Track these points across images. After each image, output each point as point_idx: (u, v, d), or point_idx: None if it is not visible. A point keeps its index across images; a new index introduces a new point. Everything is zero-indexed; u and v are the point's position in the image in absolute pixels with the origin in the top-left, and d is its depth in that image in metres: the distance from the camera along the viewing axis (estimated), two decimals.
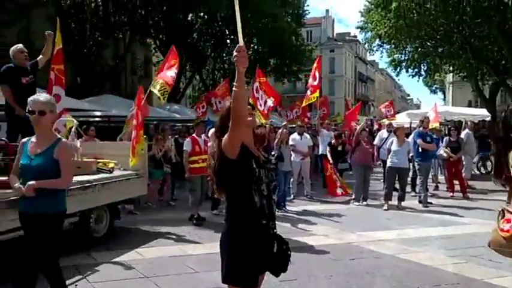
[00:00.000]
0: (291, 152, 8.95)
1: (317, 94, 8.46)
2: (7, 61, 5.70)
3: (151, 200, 8.50)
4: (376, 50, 30.33)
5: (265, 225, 2.23)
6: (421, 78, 34.57)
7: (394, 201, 8.51)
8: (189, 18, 24.08)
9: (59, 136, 3.22)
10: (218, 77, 30.80)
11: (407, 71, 29.57)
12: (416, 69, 29.86)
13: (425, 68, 30.65)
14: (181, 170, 9.30)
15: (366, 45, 32.76)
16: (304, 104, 9.20)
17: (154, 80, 6.84)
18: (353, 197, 8.93)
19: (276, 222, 2.36)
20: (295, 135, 9.36)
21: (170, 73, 6.80)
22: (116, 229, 6.08)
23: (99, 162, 5.77)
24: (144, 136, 6.49)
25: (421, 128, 9.16)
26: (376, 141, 10.09)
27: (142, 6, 21.93)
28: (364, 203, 8.80)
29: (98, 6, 21.76)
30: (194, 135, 7.43)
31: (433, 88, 54.12)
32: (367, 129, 9.71)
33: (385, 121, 15.82)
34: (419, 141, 8.69)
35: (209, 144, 7.08)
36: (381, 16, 25.73)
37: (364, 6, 28.42)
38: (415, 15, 24.72)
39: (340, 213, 7.96)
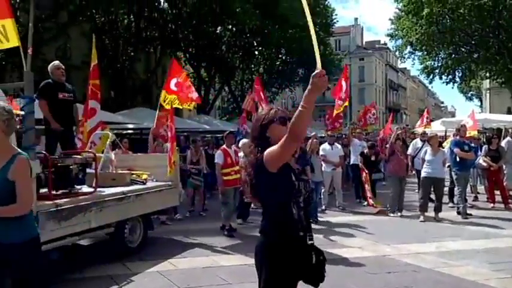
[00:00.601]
0: (322, 162, 8.86)
1: (346, 103, 8.33)
2: (47, 77, 5.94)
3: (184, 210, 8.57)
4: (408, 57, 29.83)
5: (302, 237, 2.19)
6: (455, 85, 33.77)
7: (431, 213, 8.24)
8: (217, 31, 24.45)
9: (17, 151, 2.60)
10: (247, 88, 31.01)
11: (440, 78, 28.89)
12: (450, 76, 29.18)
13: (460, 75, 29.86)
14: (211, 182, 9.44)
15: (397, 53, 32.25)
16: (335, 113, 9.09)
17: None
18: (388, 207, 8.70)
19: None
20: (325, 145, 9.25)
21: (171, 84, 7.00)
22: (150, 239, 6.14)
23: (132, 174, 5.88)
24: (176, 148, 6.59)
25: (457, 137, 8.85)
26: (410, 151, 9.83)
27: (173, 21, 22.44)
28: (399, 214, 8.55)
29: (130, 22, 22.44)
30: (224, 146, 7.36)
31: (469, 95, 52.56)
32: (401, 138, 9.45)
33: (419, 130, 15.46)
34: (456, 150, 8.39)
35: (240, 154, 7.12)
36: (412, 23, 25.33)
37: (394, 14, 28.01)
38: (448, 21, 24.24)
39: (374, 225, 7.76)
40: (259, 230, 2.31)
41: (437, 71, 28.56)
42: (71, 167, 4.38)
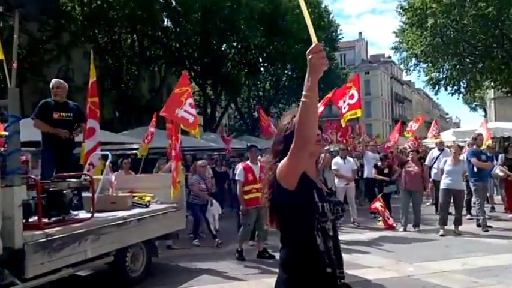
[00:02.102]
0: (334, 177, 8.43)
1: (359, 112, 7.93)
2: (49, 94, 5.73)
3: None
4: (413, 70, 29.58)
5: (331, 275, 1.76)
6: (460, 95, 33.46)
7: (450, 226, 7.76)
8: (222, 48, 24.35)
9: None
10: (253, 105, 30.82)
11: (446, 89, 28.66)
12: (455, 87, 28.95)
13: (465, 85, 29.58)
14: (220, 201, 9.02)
15: (402, 66, 32.00)
16: (343, 124, 8.65)
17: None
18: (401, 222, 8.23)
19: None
20: (337, 159, 8.82)
21: (181, 113, 6.35)
22: (154, 267, 5.72)
23: (135, 196, 5.51)
24: (182, 167, 6.22)
25: (474, 146, 8.42)
26: (426, 162, 9.37)
27: (177, 39, 22.36)
28: (417, 228, 8.06)
29: (133, 41, 22.38)
30: (248, 162, 6.67)
31: (473, 106, 52.12)
32: (411, 148, 9.03)
33: (428, 141, 14.97)
34: (473, 160, 7.95)
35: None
36: (417, 35, 25.20)
37: (398, 27, 27.89)
38: (452, 32, 24.02)
39: (393, 242, 7.27)
40: (279, 259, 1.89)
41: (442, 82, 28.33)
42: (64, 191, 4.01)
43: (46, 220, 3.88)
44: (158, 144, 12.78)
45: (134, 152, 13.98)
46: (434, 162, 9.10)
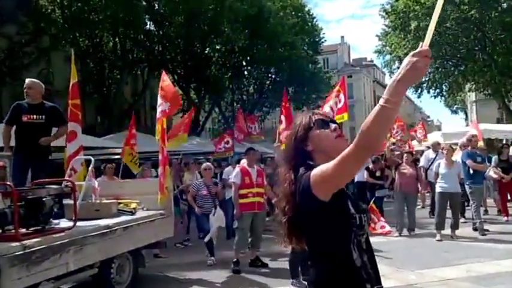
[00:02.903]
0: None
1: (345, 116, 7.72)
2: None
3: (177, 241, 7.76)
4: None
5: None
6: (442, 98, 34.00)
7: (446, 230, 7.60)
8: (206, 51, 24.06)
9: None
10: (237, 109, 30.52)
11: (428, 92, 29.07)
12: (438, 90, 29.38)
13: (447, 88, 30.01)
14: None
15: (386, 69, 32.31)
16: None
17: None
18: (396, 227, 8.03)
19: None
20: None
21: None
22: (141, 278, 5.37)
23: (120, 203, 5.15)
24: (170, 172, 5.89)
25: (469, 148, 8.30)
26: (422, 163, 9.23)
27: (160, 42, 21.97)
28: (412, 233, 7.88)
29: (115, 44, 21.89)
30: (244, 165, 6.31)
31: (454, 108, 53.00)
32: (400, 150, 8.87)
33: (415, 144, 14.94)
34: (469, 162, 7.82)
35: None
36: (400, 38, 25.42)
37: (381, 30, 28.15)
38: (435, 35, 24.32)
39: (389, 247, 7.03)
40: (308, 280, 1.65)
41: (424, 85, 28.72)
42: (44, 199, 3.65)
43: (24, 230, 3.52)
44: (142, 148, 12.40)
45: (117, 156, 13.57)
46: (431, 163, 8.95)
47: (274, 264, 6.22)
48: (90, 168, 5.09)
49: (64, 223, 4.20)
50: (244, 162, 6.42)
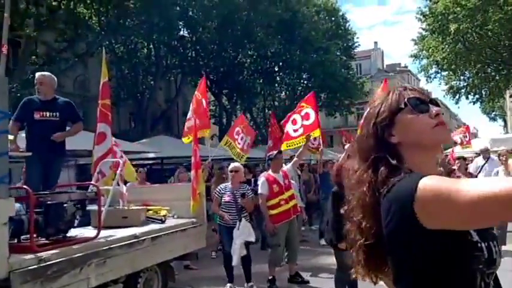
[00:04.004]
0: None
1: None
2: None
3: (212, 249, 7.33)
4: (434, 78, 28.74)
5: None
6: (482, 104, 32.43)
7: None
8: (238, 57, 23.87)
9: None
10: (268, 115, 30.15)
11: (467, 98, 27.78)
12: (477, 95, 28.07)
13: (487, 94, 28.59)
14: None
15: (422, 73, 31.15)
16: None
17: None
18: None
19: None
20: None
21: None
22: None
23: (149, 210, 4.78)
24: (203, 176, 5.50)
25: None
26: (471, 170, 8.44)
27: (193, 47, 21.93)
28: None
29: (150, 50, 22.04)
30: (269, 172, 5.68)
31: (492, 115, 50.63)
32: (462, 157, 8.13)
33: (458, 150, 13.97)
34: None
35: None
36: (438, 42, 24.41)
37: (417, 34, 27.18)
38: (476, 37, 23.16)
39: None
40: None
41: (463, 90, 27.52)
42: (65, 205, 3.31)
43: (41, 240, 3.17)
44: (173, 153, 12.17)
45: (150, 162, 13.40)
46: (480, 171, 8.19)
47: (316, 281, 5.66)
48: (118, 172, 4.74)
49: (88, 232, 3.85)
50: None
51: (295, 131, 6.89)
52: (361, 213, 1.10)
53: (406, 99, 1.13)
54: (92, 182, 3.94)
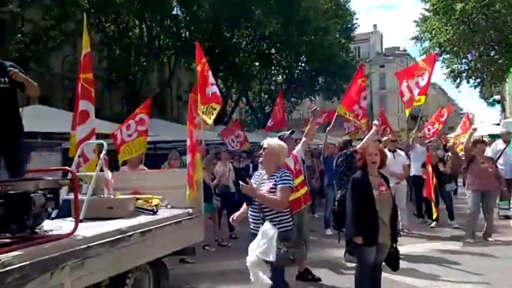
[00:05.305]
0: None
1: (423, 98, 6.58)
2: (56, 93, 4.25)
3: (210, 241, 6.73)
4: (436, 60, 28.09)
5: None
6: (483, 89, 32.02)
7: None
8: (235, 37, 23.00)
9: None
10: (265, 99, 29.45)
11: (468, 82, 27.28)
12: (478, 79, 27.57)
13: (489, 78, 28.04)
14: (237, 202, 7.68)
15: (424, 56, 30.54)
16: (408, 112, 7.43)
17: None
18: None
19: None
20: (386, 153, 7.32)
21: (211, 90, 5.92)
22: None
23: (138, 199, 4.15)
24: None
25: None
26: (489, 154, 7.85)
27: (187, 27, 21.03)
28: (489, 239, 6.58)
29: (142, 30, 21.12)
30: None
31: (490, 101, 50.30)
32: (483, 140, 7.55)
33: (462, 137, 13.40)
34: None
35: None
36: (442, 23, 23.68)
37: (420, 15, 26.47)
38: (481, 19, 22.45)
39: (465, 257, 5.78)
40: None
41: (464, 74, 27.01)
42: (32, 195, 2.67)
43: (0, 239, 2.54)
44: (167, 137, 11.55)
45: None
46: (499, 156, 7.62)
47: (329, 278, 5.05)
48: (102, 155, 4.10)
49: (66, 225, 3.20)
50: None
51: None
52: None
53: None
54: (67, 167, 3.26)
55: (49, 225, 3.09)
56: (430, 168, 6.91)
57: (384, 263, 3.86)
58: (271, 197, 3.28)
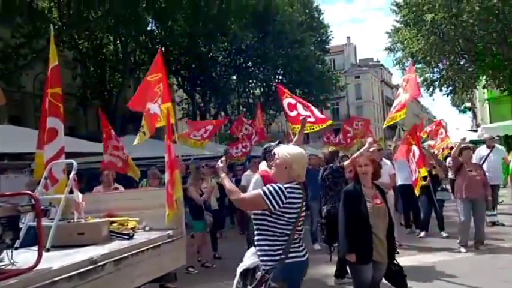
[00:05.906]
0: None
1: (404, 112, 6.48)
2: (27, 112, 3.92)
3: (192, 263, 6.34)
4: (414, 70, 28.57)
5: None
6: (454, 96, 32.75)
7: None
8: (211, 52, 22.84)
9: None
10: (243, 112, 29.32)
11: (441, 90, 27.89)
12: (450, 87, 28.23)
13: (461, 86, 28.69)
14: (221, 220, 7.37)
15: (397, 66, 30.98)
16: (385, 124, 7.31)
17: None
18: (457, 241, 6.57)
19: None
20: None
21: (153, 108, 5.26)
22: None
23: (113, 222, 3.80)
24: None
25: None
26: (474, 160, 7.76)
27: (163, 42, 20.74)
28: (481, 247, 6.43)
29: (116, 46, 20.71)
30: (265, 168, 4.42)
31: (461, 108, 51.57)
32: (470, 146, 7.42)
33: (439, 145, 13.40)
34: None
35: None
36: (413, 33, 24.21)
37: (392, 27, 27.04)
38: (450, 28, 22.99)
39: (461, 268, 5.56)
40: None
41: (437, 83, 27.63)
42: None
43: None
44: (146, 154, 11.16)
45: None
46: (483, 162, 7.55)
47: None
48: (71, 175, 3.74)
49: (30, 256, 2.82)
50: (263, 164, 4.81)
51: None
52: None
53: None
54: (26, 191, 2.89)
55: (11, 257, 2.72)
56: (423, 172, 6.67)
57: (389, 284, 3.61)
58: (233, 188, 2.98)
